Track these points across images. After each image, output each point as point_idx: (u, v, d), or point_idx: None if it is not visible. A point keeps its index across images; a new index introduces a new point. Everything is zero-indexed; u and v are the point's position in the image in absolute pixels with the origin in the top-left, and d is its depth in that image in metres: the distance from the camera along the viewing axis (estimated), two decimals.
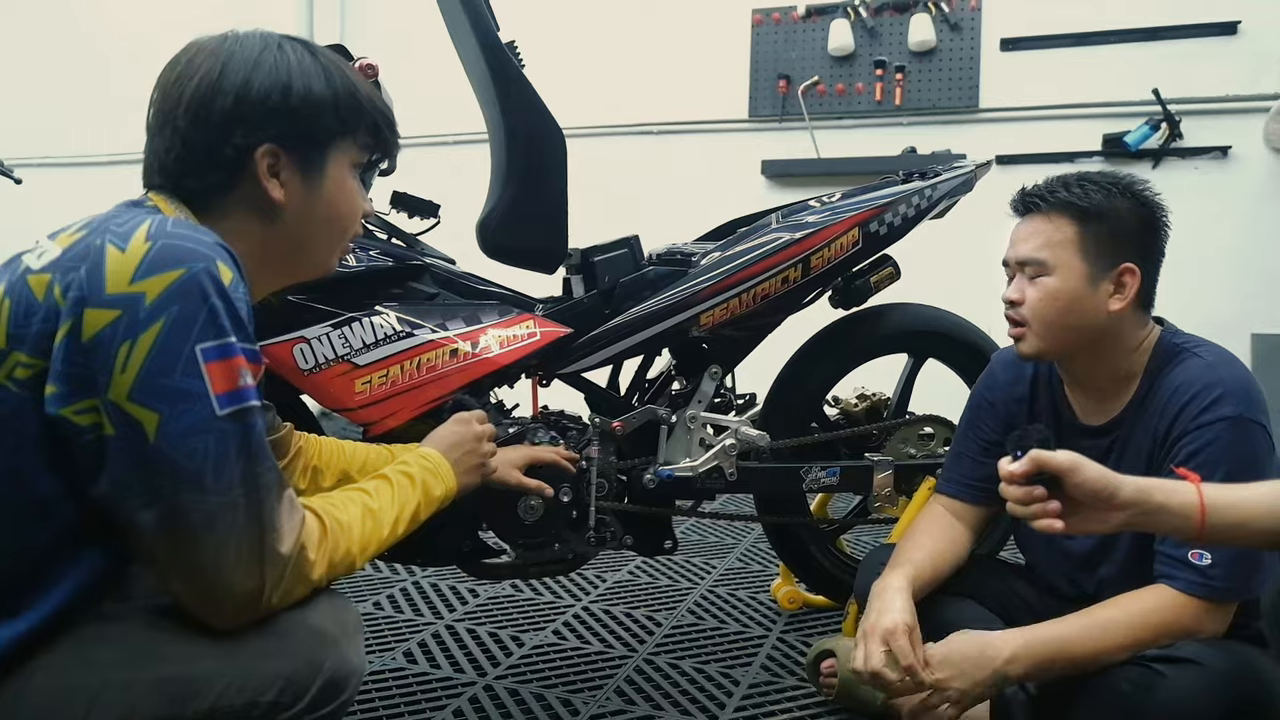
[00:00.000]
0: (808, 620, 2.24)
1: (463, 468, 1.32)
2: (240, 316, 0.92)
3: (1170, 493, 1.14)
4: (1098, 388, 1.51)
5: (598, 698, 1.82)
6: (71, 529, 0.92)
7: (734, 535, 3.02)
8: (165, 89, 1.03)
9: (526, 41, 1.85)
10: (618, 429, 1.85)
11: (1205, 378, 1.39)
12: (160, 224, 0.92)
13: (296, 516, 0.97)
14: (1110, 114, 3.77)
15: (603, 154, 4.31)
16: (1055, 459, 1.12)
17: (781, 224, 1.91)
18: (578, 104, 4.16)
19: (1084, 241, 1.44)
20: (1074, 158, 3.77)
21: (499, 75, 1.75)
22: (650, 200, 4.11)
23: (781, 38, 4.09)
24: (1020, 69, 3.88)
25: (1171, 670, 1.27)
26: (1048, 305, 1.45)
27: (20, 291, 0.89)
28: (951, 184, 2.02)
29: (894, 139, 3.95)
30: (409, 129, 1.32)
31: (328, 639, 0.98)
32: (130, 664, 0.91)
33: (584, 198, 3.03)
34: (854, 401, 2.17)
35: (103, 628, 0.93)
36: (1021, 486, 1.15)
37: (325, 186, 1.09)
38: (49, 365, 0.87)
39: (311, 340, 1.63)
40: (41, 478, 0.89)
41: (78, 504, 0.90)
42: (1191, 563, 1.31)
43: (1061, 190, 1.46)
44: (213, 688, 0.91)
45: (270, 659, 0.94)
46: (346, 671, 0.99)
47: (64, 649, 0.91)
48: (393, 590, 2.43)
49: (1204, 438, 1.35)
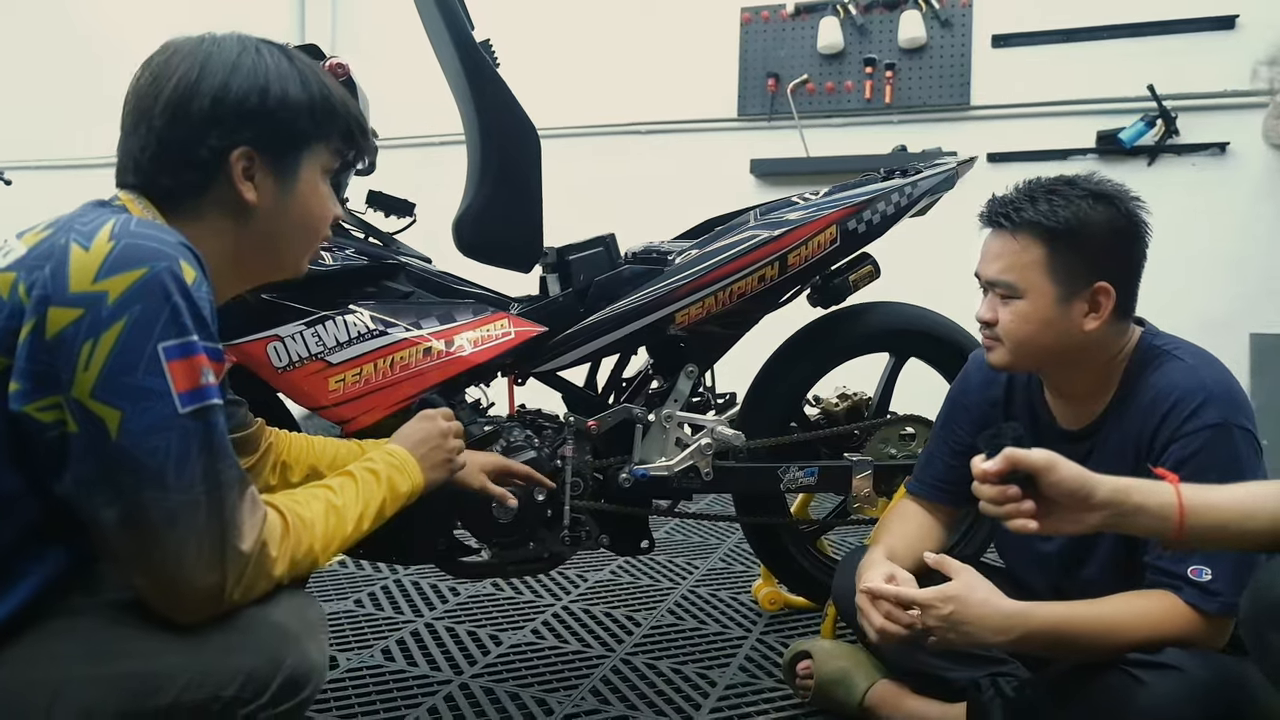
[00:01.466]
0: (788, 621, 2.24)
1: (429, 463, 1.32)
2: (203, 315, 0.93)
3: (1148, 493, 1.12)
4: (1076, 394, 1.48)
5: (573, 697, 1.81)
6: (35, 526, 0.92)
7: (718, 536, 3.01)
8: (141, 89, 1.04)
9: (513, 41, 1.85)
10: (593, 428, 1.84)
11: (1186, 382, 1.35)
12: (124, 223, 0.93)
13: (259, 513, 0.98)
14: (1104, 110, 3.74)
15: (591, 154, 4.31)
16: (1030, 457, 1.10)
17: (759, 221, 1.90)
18: (565, 103, 4.18)
19: (1053, 263, 1.37)
20: (1067, 155, 3.75)
21: (473, 74, 1.75)
22: (638, 201, 4.10)
23: (770, 36, 4.08)
24: (1012, 65, 3.86)
25: (1151, 676, 1.25)
26: (1019, 328, 1.40)
27: None
28: (933, 181, 2.01)
29: (884, 137, 3.94)
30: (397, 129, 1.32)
31: (290, 636, 0.99)
32: (93, 659, 0.91)
33: (571, 198, 3.04)
34: (835, 401, 2.16)
35: (68, 622, 0.94)
36: (995, 486, 1.13)
37: (298, 190, 1.10)
38: (13, 363, 0.88)
39: (285, 338, 1.63)
40: (4, 474, 0.90)
41: (41, 501, 0.91)
42: (1192, 579, 1.27)
43: (1028, 207, 1.38)
44: (175, 682, 0.91)
45: (232, 654, 0.95)
46: (307, 668, 1.00)
47: (28, 644, 0.91)
48: (374, 588, 2.43)
49: (1190, 446, 1.32)
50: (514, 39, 1.84)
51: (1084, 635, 1.29)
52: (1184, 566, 1.28)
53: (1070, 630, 1.29)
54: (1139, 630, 1.28)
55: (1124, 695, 1.26)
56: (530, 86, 1.77)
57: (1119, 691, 1.27)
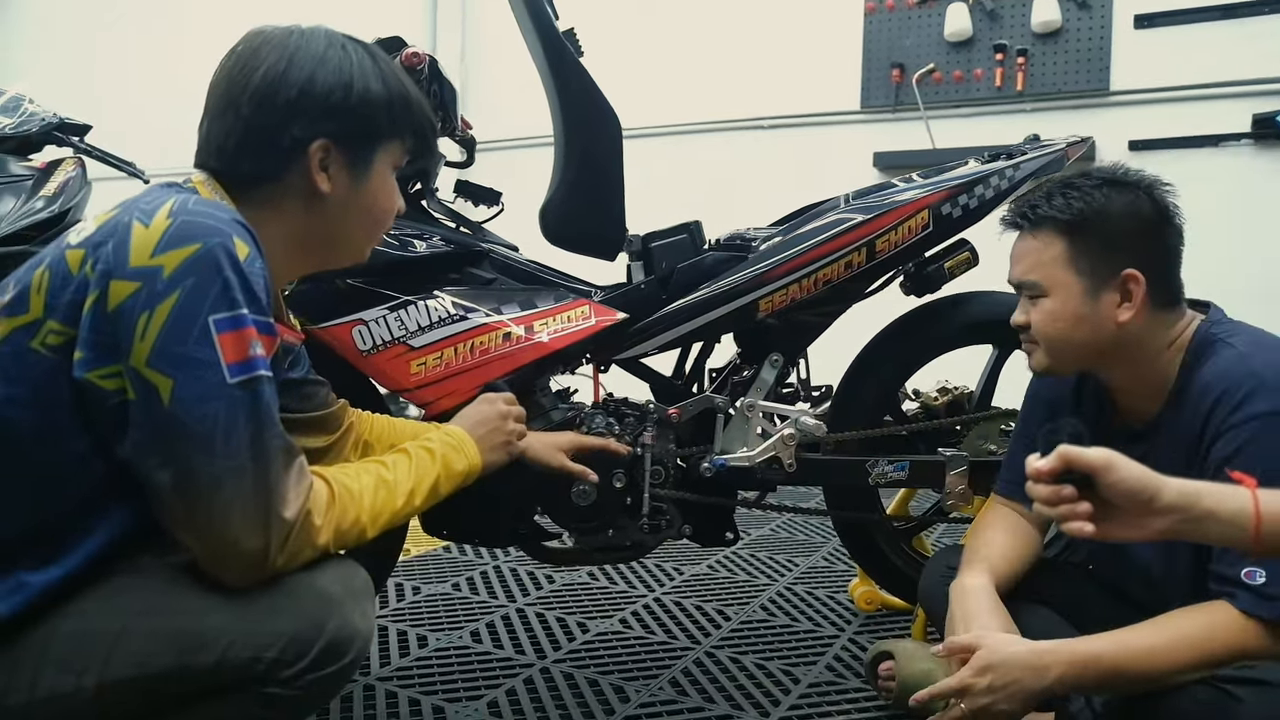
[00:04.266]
0: (884, 622, 2.16)
1: (487, 444, 1.34)
2: (254, 290, 0.97)
3: (1221, 498, 1.02)
4: (1133, 392, 1.40)
5: (650, 687, 1.80)
6: (101, 486, 0.99)
7: (822, 534, 2.94)
8: (231, 75, 1.08)
9: (635, 40, 1.86)
10: (674, 416, 1.82)
11: (1235, 370, 1.25)
12: (183, 202, 0.98)
13: (304, 483, 1.01)
14: (1261, 92, 3.47)
15: (711, 150, 4.28)
16: (1086, 456, 1.02)
17: (848, 206, 1.85)
18: (687, 99, 4.18)
19: (1075, 255, 1.33)
20: (1219, 141, 3.50)
21: (555, 62, 1.77)
22: (758, 197, 4.02)
23: (895, 25, 3.97)
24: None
25: (1247, 693, 1.15)
26: (1050, 327, 1.36)
27: (59, 265, 0.97)
28: (1038, 164, 1.90)
29: (1016, 127, 3.73)
30: (520, 129, 1.32)
31: (333, 601, 1.02)
32: (149, 614, 0.97)
33: (689, 196, 3.03)
34: (934, 395, 2.07)
35: (131, 580, 1.00)
36: (1049, 485, 1.05)
37: (369, 183, 1.14)
38: (78, 333, 0.94)
39: (369, 322, 1.68)
40: (73, 437, 0.96)
41: (106, 463, 0.97)
42: (1246, 583, 1.18)
43: (1044, 204, 1.36)
44: (219, 642, 0.96)
45: (275, 617, 0.98)
46: (350, 633, 1.02)
47: (92, 597, 0.98)
48: (473, 573, 2.48)
49: (1237, 439, 1.21)
50: (635, 39, 1.84)
51: (1125, 666, 1.19)
52: (1238, 569, 1.18)
53: (1110, 662, 1.20)
54: (1185, 653, 1.18)
55: (1218, 713, 1.16)
56: (653, 83, 1.80)
57: (1213, 708, 1.17)
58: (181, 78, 5.44)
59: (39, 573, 0.96)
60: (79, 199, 3.12)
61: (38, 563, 0.96)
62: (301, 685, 0.99)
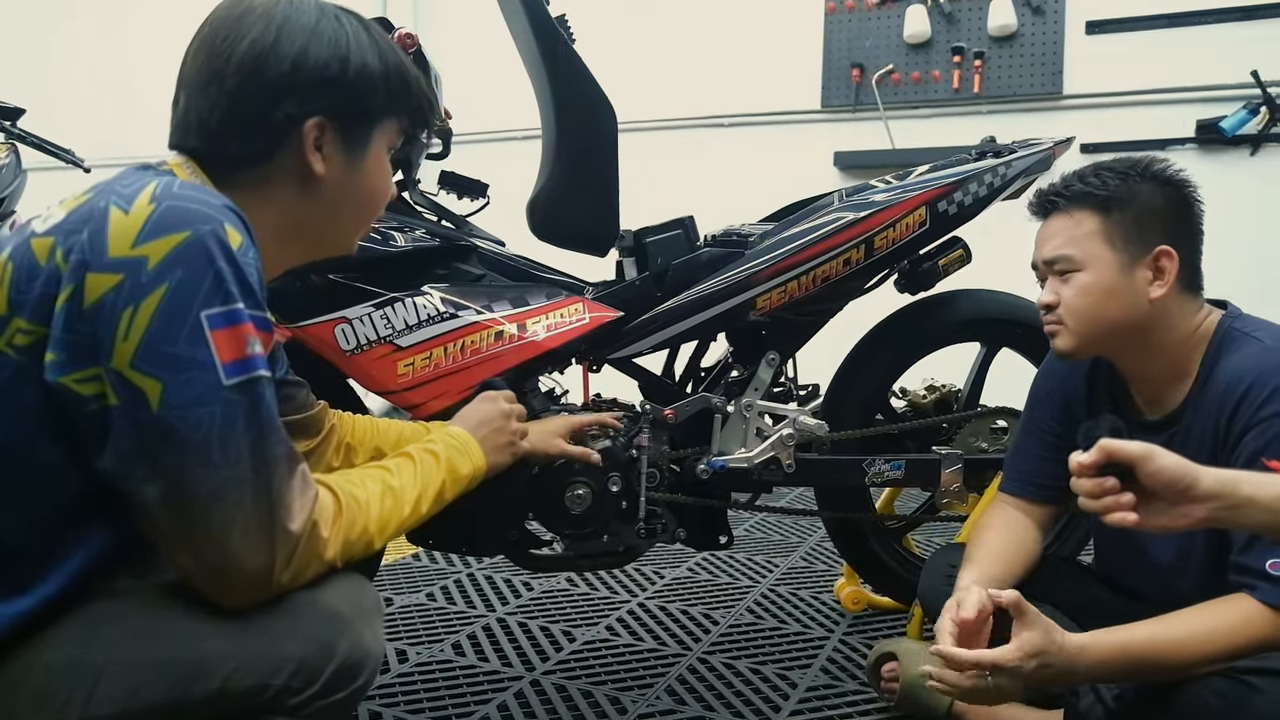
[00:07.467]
0: (872, 622, 2.14)
1: (491, 445, 1.27)
2: (249, 282, 0.87)
3: (1260, 485, 1.04)
4: (1154, 381, 1.41)
5: (647, 696, 1.75)
6: (77, 503, 0.89)
7: (799, 533, 2.91)
8: (212, 46, 0.97)
9: (595, 36, 1.79)
10: (670, 417, 1.77)
11: (1262, 364, 1.27)
12: (167, 186, 0.88)
13: (309, 492, 0.92)
14: (1205, 98, 3.57)
15: (671, 147, 4.26)
16: (1127, 448, 1.04)
17: (844, 203, 1.82)
18: (646, 96, 4.13)
19: (1109, 230, 1.35)
20: (1165, 145, 3.58)
21: (548, 49, 1.70)
22: (720, 195, 4.01)
23: (855, 26, 3.98)
24: (1107, 52, 3.70)
25: (1266, 683, 1.15)
26: (1083, 302, 1.36)
27: (23, 256, 0.86)
28: (1028, 162, 1.90)
29: (973, 128, 3.78)
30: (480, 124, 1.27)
31: (343, 621, 0.93)
32: (137, 643, 0.87)
33: (651, 193, 2.98)
34: (922, 393, 2.06)
35: (112, 604, 0.90)
36: (1092, 479, 1.06)
37: (366, 164, 1.05)
38: (49, 331, 0.83)
39: (353, 320, 1.60)
40: (43, 447, 0.86)
41: (82, 477, 0.87)
42: (1271, 574, 1.18)
43: (1077, 183, 1.38)
44: (220, 670, 0.87)
45: (281, 641, 0.89)
46: (362, 655, 0.94)
47: (72, 625, 0.87)
48: (446, 582, 2.40)
49: (1268, 433, 1.22)
50: (594, 31, 1.79)
51: (1151, 658, 1.19)
52: (1264, 560, 1.19)
53: (1139, 654, 1.19)
54: (1209, 645, 1.18)
55: (1236, 703, 1.16)
56: (611, 79, 1.72)
57: (1231, 699, 1.16)
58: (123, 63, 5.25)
59: (9, 603, 0.85)
60: (13, 188, 2.95)
61: (8, 591, 0.85)
62: (310, 713, 0.90)
